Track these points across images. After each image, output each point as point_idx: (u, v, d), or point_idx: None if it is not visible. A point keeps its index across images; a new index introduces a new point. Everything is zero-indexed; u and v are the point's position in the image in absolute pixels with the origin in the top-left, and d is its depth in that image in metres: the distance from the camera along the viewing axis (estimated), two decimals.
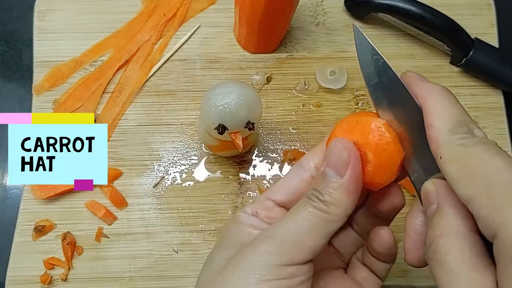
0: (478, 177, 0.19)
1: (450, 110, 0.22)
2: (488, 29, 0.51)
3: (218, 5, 0.51)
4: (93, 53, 0.48)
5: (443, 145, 0.21)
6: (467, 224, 0.20)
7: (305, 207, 0.24)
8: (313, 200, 0.23)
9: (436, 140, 0.21)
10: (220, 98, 0.36)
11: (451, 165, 0.20)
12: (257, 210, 0.27)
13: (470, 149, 0.20)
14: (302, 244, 0.23)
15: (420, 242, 0.24)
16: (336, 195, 0.23)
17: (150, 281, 0.42)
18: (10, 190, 0.47)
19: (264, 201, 0.27)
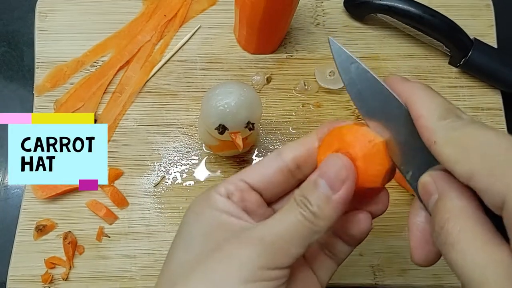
0: (475, 152, 0.19)
1: (435, 100, 0.23)
2: (487, 30, 0.51)
3: (218, 6, 0.51)
4: (94, 53, 0.48)
5: (435, 130, 0.21)
6: (472, 204, 0.20)
7: (295, 214, 0.24)
8: (302, 208, 0.24)
9: (428, 127, 0.22)
10: (221, 99, 0.36)
11: (446, 147, 0.20)
12: (232, 192, 0.26)
13: (462, 130, 0.20)
14: (288, 251, 0.23)
15: (425, 239, 0.24)
16: (325, 210, 0.23)
17: (151, 280, 0.42)
18: (11, 189, 0.48)
19: (238, 182, 0.27)
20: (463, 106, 0.49)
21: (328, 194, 0.23)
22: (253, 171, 0.27)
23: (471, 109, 0.49)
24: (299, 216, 0.23)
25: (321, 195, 0.23)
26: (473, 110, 0.49)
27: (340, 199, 0.23)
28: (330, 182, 0.23)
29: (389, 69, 0.50)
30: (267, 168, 0.27)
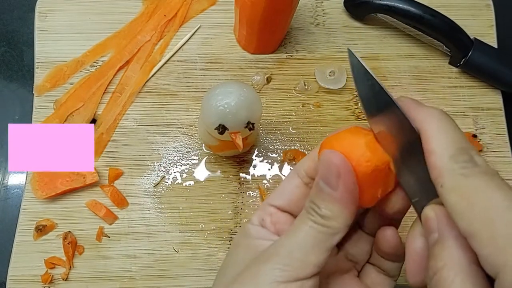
0: (480, 213, 0.19)
1: (450, 135, 0.21)
2: (487, 30, 0.51)
3: (218, 6, 0.51)
4: (94, 53, 0.48)
5: (444, 173, 0.20)
6: (468, 256, 0.20)
7: (305, 222, 0.24)
8: (311, 214, 0.24)
9: (437, 167, 0.21)
10: (221, 99, 0.36)
11: (452, 195, 0.20)
12: (262, 217, 0.27)
13: (471, 180, 0.20)
14: (306, 261, 0.23)
15: (422, 265, 0.23)
16: (333, 209, 0.23)
17: (150, 280, 0.42)
18: (11, 189, 0.48)
19: (266, 207, 0.28)
20: (463, 106, 0.49)
21: (331, 193, 0.23)
22: (276, 193, 0.28)
23: (471, 109, 0.49)
24: (310, 223, 0.23)
25: (325, 196, 0.23)
26: (473, 110, 0.49)
27: (343, 195, 0.23)
28: (327, 181, 0.23)
29: (389, 69, 0.50)
30: (287, 187, 0.28)
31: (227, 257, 0.28)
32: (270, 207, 0.28)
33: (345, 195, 0.23)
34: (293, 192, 0.27)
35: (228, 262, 0.27)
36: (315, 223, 0.23)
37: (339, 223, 0.23)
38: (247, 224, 0.28)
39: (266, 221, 0.27)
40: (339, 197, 0.23)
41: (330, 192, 0.23)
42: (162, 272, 0.43)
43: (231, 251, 0.28)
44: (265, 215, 0.28)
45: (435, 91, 0.49)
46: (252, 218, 0.28)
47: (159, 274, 0.43)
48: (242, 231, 0.28)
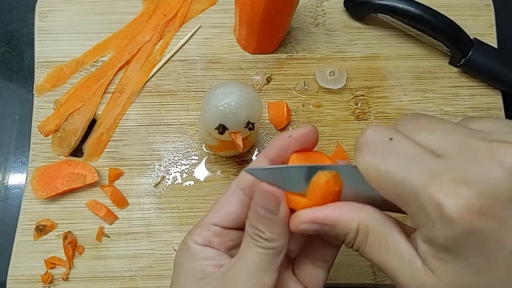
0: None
1: None
2: (487, 30, 0.51)
3: (218, 6, 0.51)
4: (94, 53, 0.48)
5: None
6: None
7: (252, 248, 0.25)
8: (256, 239, 0.24)
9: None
10: (221, 99, 0.36)
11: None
12: (209, 239, 0.27)
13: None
14: (262, 284, 0.24)
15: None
16: (276, 231, 0.24)
17: (150, 280, 0.42)
18: (11, 190, 0.48)
19: (210, 227, 0.27)
20: (463, 106, 0.49)
21: (272, 217, 0.24)
22: (218, 212, 0.27)
23: (471, 109, 0.49)
24: (256, 249, 0.24)
25: (267, 221, 0.24)
26: (473, 110, 0.49)
27: (283, 217, 0.24)
28: (267, 208, 0.24)
29: (389, 69, 0.50)
30: (229, 205, 0.27)
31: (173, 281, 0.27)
32: (214, 227, 0.27)
33: (285, 217, 0.24)
34: (237, 210, 0.27)
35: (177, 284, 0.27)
36: (262, 248, 0.24)
37: (282, 242, 0.25)
38: (189, 241, 0.27)
39: (213, 242, 0.27)
40: (281, 220, 0.24)
41: (271, 217, 0.24)
42: (162, 272, 0.43)
43: (176, 273, 0.27)
44: (211, 236, 0.27)
45: (435, 91, 0.49)
46: (193, 236, 0.27)
47: (159, 274, 0.43)
48: (184, 250, 0.28)
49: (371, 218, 0.23)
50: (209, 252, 0.27)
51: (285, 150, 0.26)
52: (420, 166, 0.20)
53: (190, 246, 0.27)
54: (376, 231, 0.23)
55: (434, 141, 0.21)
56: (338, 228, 0.23)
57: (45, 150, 0.45)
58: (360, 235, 0.23)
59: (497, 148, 0.19)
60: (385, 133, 0.22)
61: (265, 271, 0.24)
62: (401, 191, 0.20)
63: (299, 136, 0.26)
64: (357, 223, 0.23)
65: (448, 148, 0.20)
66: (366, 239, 0.23)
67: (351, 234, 0.23)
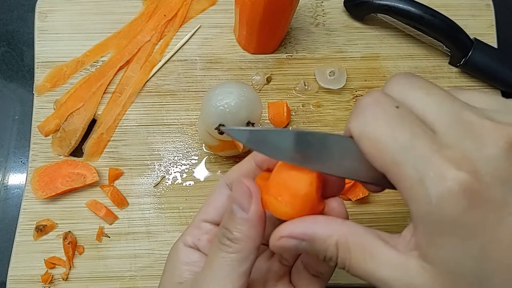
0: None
1: None
2: (487, 30, 0.51)
3: (218, 6, 0.51)
4: (94, 53, 0.48)
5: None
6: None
7: (217, 254, 0.25)
8: (223, 243, 0.25)
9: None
10: (221, 99, 0.36)
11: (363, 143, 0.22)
12: (198, 237, 0.28)
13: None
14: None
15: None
16: (243, 230, 0.24)
17: (150, 280, 0.42)
18: (11, 189, 0.48)
19: (200, 224, 0.28)
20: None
21: (243, 215, 0.24)
22: (208, 208, 0.28)
23: None
24: (221, 254, 0.24)
25: (237, 219, 0.24)
26: None
27: (253, 216, 0.24)
28: (240, 204, 0.24)
29: (389, 69, 0.50)
30: (218, 201, 0.28)
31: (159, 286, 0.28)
32: (205, 224, 0.28)
33: (255, 216, 0.24)
34: (226, 204, 0.27)
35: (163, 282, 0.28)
36: (226, 252, 0.24)
37: (249, 244, 0.24)
38: (179, 243, 0.28)
39: (202, 240, 0.27)
40: (250, 218, 0.24)
41: (242, 215, 0.24)
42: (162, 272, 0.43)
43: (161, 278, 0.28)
44: (200, 234, 0.28)
45: None
46: (185, 236, 0.28)
47: (159, 274, 0.42)
48: (172, 252, 0.28)
49: (352, 232, 0.22)
50: (192, 256, 0.27)
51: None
52: (424, 137, 0.19)
53: (178, 248, 0.28)
54: (359, 244, 0.22)
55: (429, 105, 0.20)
56: (316, 244, 0.23)
57: (45, 150, 0.45)
58: (342, 251, 0.22)
59: (490, 127, 0.19)
60: (390, 100, 0.21)
61: (228, 277, 0.24)
62: (399, 160, 0.19)
63: None
64: (336, 238, 0.22)
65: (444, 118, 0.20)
66: (349, 255, 0.22)
67: (330, 249, 0.22)
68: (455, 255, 0.19)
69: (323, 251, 0.23)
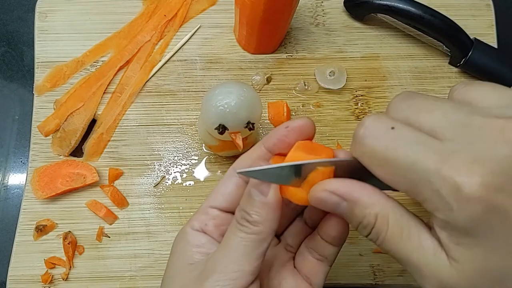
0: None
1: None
2: (487, 30, 0.51)
3: (218, 6, 0.51)
4: (94, 53, 0.48)
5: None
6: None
7: (235, 234, 0.25)
8: (242, 224, 0.25)
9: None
10: (221, 99, 0.36)
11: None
12: (205, 222, 0.28)
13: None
14: (242, 271, 0.24)
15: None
16: (262, 213, 0.24)
17: (150, 280, 0.42)
18: (11, 189, 0.48)
19: (208, 210, 0.28)
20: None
21: (262, 199, 0.24)
22: (216, 195, 0.28)
23: None
24: (240, 234, 0.25)
25: (256, 202, 0.25)
26: None
27: (272, 200, 0.25)
28: (259, 189, 0.25)
29: (389, 69, 0.50)
30: (226, 187, 0.28)
31: (167, 265, 0.28)
32: (212, 209, 0.28)
33: (274, 201, 0.25)
34: (234, 192, 0.28)
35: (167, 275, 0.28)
36: (246, 233, 0.25)
37: (267, 227, 0.25)
38: (187, 227, 0.28)
39: (209, 225, 0.28)
40: (270, 202, 0.24)
41: (261, 198, 0.24)
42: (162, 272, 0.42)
43: (169, 259, 0.28)
44: (208, 219, 0.28)
45: (435, 91, 0.49)
46: (192, 221, 0.28)
47: (159, 274, 0.43)
48: (180, 236, 0.28)
49: (395, 209, 0.22)
50: (202, 238, 0.27)
51: (283, 140, 0.26)
52: (428, 150, 0.20)
53: (186, 232, 0.28)
54: (399, 222, 0.22)
55: (436, 121, 0.20)
56: (356, 209, 0.23)
57: (45, 150, 0.45)
58: (380, 222, 0.22)
59: (502, 125, 0.19)
60: (385, 122, 0.22)
61: (246, 257, 0.24)
62: (411, 178, 0.20)
63: (297, 127, 0.26)
64: (378, 209, 0.22)
65: (452, 129, 0.20)
66: (386, 228, 0.22)
67: (368, 218, 0.22)
68: (481, 254, 0.19)
69: (360, 217, 0.23)
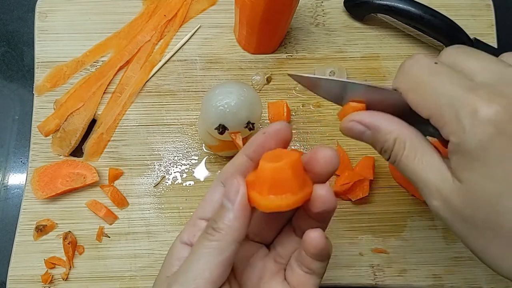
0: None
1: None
2: (487, 30, 0.51)
3: (218, 6, 0.51)
4: (94, 53, 0.48)
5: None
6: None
7: (201, 243, 0.26)
8: (207, 232, 0.26)
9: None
10: (221, 99, 0.36)
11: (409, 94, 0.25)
12: (194, 233, 0.28)
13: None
14: (201, 279, 0.24)
15: None
16: (226, 220, 0.25)
17: (150, 280, 0.42)
18: (11, 190, 0.48)
19: (196, 222, 0.29)
20: None
21: (229, 207, 0.25)
22: (204, 206, 0.29)
23: None
24: (205, 242, 0.25)
25: (224, 211, 0.25)
26: None
27: (237, 207, 0.25)
28: (229, 198, 0.25)
29: (389, 69, 0.50)
30: (213, 197, 0.29)
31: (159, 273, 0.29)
32: (201, 221, 0.29)
33: (238, 208, 0.25)
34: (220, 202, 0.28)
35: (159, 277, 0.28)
36: (208, 240, 0.25)
37: (229, 235, 0.25)
38: (176, 241, 0.29)
39: (197, 236, 0.28)
40: (234, 208, 0.25)
41: (228, 207, 0.25)
42: None
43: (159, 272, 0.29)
44: (196, 231, 0.28)
45: None
46: (182, 233, 0.29)
47: None
48: (169, 250, 0.29)
49: (412, 134, 0.25)
50: (185, 252, 0.28)
51: (261, 146, 0.27)
52: (462, 83, 0.22)
53: (174, 245, 0.29)
54: (414, 145, 0.25)
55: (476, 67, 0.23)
56: (379, 135, 0.26)
57: (45, 150, 0.45)
58: (397, 146, 0.25)
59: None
60: (431, 58, 0.25)
61: (206, 265, 0.25)
62: (439, 102, 0.23)
63: (273, 131, 0.27)
64: (396, 134, 0.25)
65: (488, 74, 0.23)
66: (402, 151, 0.25)
67: (388, 142, 0.26)
68: (481, 177, 0.22)
69: (382, 142, 0.26)
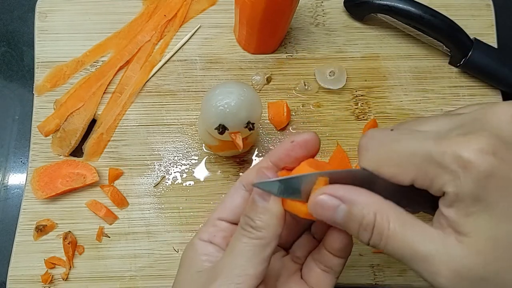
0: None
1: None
2: (487, 30, 0.51)
3: (218, 6, 0.51)
4: (94, 53, 0.48)
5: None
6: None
7: (240, 239, 0.26)
8: (245, 229, 0.26)
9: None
10: (221, 98, 0.36)
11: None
12: (214, 234, 0.29)
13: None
14: (246, 275, 0.25)
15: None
16: (265, 218, 0.25)
17: (150, 280, 0.42)
18: (11, 189, 0.48)
19: (216, 222, 0.29)
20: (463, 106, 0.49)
21: (264, 205, 0.25)
22: (224, 207, 0.29)
23: None
24: (244, 239, 0.25)
25: (259, 208, 0.25)
26: None
27: (273, 205, 0.25)
28: (261, 195, 0.26)
29: (389, 69, 0.50)
30: (234, 200, 0.29)
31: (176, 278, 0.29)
32: (220, 222, 0.29)
33: (274, 206, 0.25)
34: (241, 205, 0.29)
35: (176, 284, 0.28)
36: (249, 238, 0.25)
37: (270, 232, 0.25)
38: (195, 239, 0.29)
39: (217, 236, 0.29)
40: (271, 207, 0.25)
41: (263, 204, 0.25)
42: (162, 272, 0.43)
43: (178, 270, 0.29)
44: (216, 231, 0.29)
45: (435, 91, 0.49)
46: (201, 233, 0.29)
47: (159, 274, 0.43)
48: (188, 248, 0.29)
49: (392, 207, 0.23)
50: (210, 248, 0.28)
51: (288, 154, 0.27)
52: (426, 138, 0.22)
53: (194, 243, 0.29)
54: (399, 217, 0.23)
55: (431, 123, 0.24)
56: (354, 209, 0.23)
57: (45, 150, 0.45)
58: (380, 219, 0.23)
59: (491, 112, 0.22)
60: (384, 129, 0.24)
61: (249, 261, 0.25)
62: (415, 162, 0.22)
63: (302, 141, 0.27)
64: (375, 208, 0.23)
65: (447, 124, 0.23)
66: (387, 224, 0.23)
67: (368, 217, 0.23)
68: (490, 220, 0.20)
69: (359, 217, 0.23)
